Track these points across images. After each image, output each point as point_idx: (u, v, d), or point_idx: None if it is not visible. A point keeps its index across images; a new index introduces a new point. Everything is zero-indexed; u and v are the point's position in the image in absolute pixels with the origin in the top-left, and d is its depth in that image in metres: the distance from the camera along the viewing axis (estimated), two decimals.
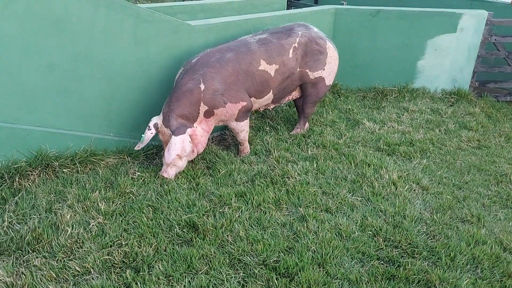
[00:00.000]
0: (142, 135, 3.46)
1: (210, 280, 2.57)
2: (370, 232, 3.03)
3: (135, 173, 3.55)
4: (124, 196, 3.26)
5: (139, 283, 2.50)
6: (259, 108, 4.25)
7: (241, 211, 3.15)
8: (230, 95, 3.65)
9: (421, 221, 3.19)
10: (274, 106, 4.31)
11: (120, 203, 3.17)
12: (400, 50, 5.53)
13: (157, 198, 3.25)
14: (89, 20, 3.33)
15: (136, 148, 3.54)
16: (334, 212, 3.24)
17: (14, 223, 2.90)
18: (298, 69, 4.06)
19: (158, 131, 3.54)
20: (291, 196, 3.38)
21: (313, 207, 3.26)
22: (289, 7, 6.58)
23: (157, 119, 3.54)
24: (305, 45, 4.04)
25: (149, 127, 3.50)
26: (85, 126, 3.63)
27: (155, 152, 3.97)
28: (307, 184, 3.52)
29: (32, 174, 3.34)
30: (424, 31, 5.44)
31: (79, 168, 3.51)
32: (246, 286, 2.56)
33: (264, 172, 3.67)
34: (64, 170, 3.45)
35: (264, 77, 3.84)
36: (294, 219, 3.14)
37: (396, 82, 5.64)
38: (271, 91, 3.97)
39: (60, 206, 3.07)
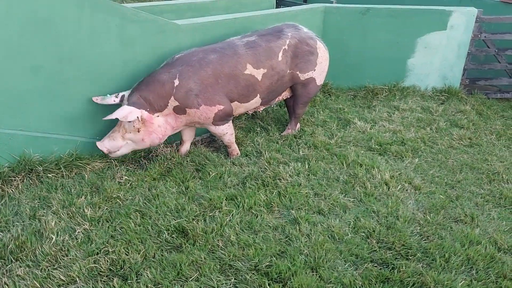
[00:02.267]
0: (108, 95, 3.45)
1: (200, 287, 2.49)
2: (363, 234, 2.98)
3: (122, 177, 3.46)
4: (111, 201, 3.17)
5: None
6: (248, 111, 4.16)
7: (232, 215, 3.08)
8: (206, 97, 3.54)
9: (414, 222, 3.15)
10: (264, 107, 4.24)
11: (106, 209, 3.08)
12: (391, 48, 5.49)
13: (145, 203, 3.17)
14: (74, 21, 3.23)
15: (94, 99, 3.44)
16: (327, 214, 3.18)
17: None
18: (288, 71, 3.97)
19: (121, 104, 3.46)
20: (282, 198, 3.32)
21: (305, 209, 3.20)
22: (277, 5, 6.51)
23: (126, 93, 3.49)
24: (295, 47, 3.95)
25: (117, 94, 3.48)
26: (70, 129, 3.54)
27: (142, 156, 3.88)
28: (299, 186, 3.47)
29: (15, 180, 3.24)
30: (414, 29, 5.40)
31: (64, 173, 3.41)
32: None
33: (255, 174, 3.60)
34: (48, 175, 3.35)
35: (250, 82, 3.73)
36: (286, 222, 3.08)
37: (386, 81, 5.60)
38: (258, 95, 3.86)
39: (44, 213, 2.98)
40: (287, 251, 2.78)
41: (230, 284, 2.55)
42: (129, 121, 3.35)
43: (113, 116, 3.29)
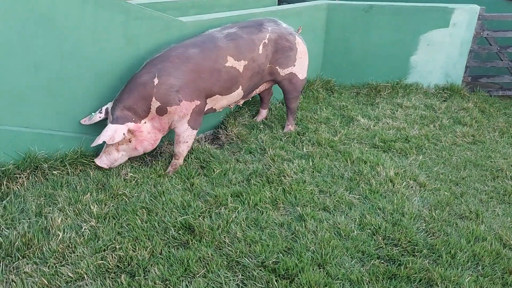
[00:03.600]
0: (93, 113, 3.42)
1: (208, 284, 2.50)
2: (369, 231, 2.99)
3: (127, 174, 3.46)
4: (117, 198, 3.17)
5: None
6: (230, 106, 4.08)
7: (238, 212, 3.08)
8: (186, 93, 3.45)
9: (420, 218, 3.15)
10: (243, 101, 4.22)
11: (112, 206, 3.08)
12: (394, 45, 5.50)
13: (151, 200, 3.17)
14: (77, 18, 3.22)
15: (82, 121, 3.45)
16: (332, 211, 3.18)
17: (2, 228, 2.80)
18: (268, 65, 3.95)
19: (107, 117, 3.42)
20: (287, 195, 3.32)
21: (310, 206, 3.21)
22: (280, 2, 6.51)
23: (109, 105, 3.43)
24: (275, 42, 3.91)
25: (100, 110, 3.43)
26: (74, 126, 3.52)
27: (147, 153, 3.87)
28: (304, 183, 3.47)
29: (20, 177, 3.24)
30: (417, 26, 5.41)
31: (69, 170, 3.40)
32: None
33: (260, 171, 3.60)
34: (54, 172, 3.35)
35: (232, 74, 3.67)
36: (291, 218, 3.08)
37: (389, 78, 5.61)
38: (240, 87, 3.82)
39: (50, 210, 2.97)
40: (293, 248, 2.78)
41: (237, 281, 2.55)
42: (118, 141, 3.30)
43: (99, 140, 3.25)
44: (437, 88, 5.65)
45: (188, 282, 2.51)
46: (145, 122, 3.43)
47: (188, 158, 3.75)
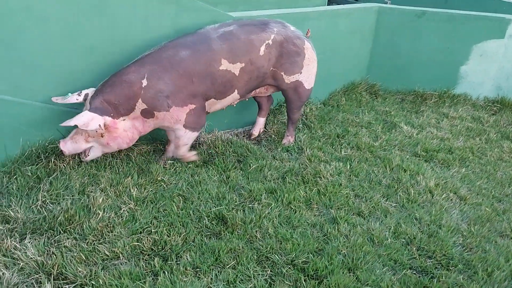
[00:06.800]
0: (69, 94, 3.19)
1: (237, 275, 2.53)
2: (404, 240, 2.93)
3: (167, 161, 3.54)
4: (156, 184, 3.26)
5: (166, 272, 2.48)
6: (224, 108, 3.79)
7: (271, 208, 3.10)
8: (177, 98, 3.24)
9: (457, 232, 3.06)
10: (238, 100, 3.88)
11: (151, 190, 3.17)
12: (443, 53, 5.33)
13: (188, 188, 3.24)
14: (129, 5, 3.32)
15: (54, 99, 3.15)
16: (367, 217, 3.14)
17: (47, 203, 2.94)
18: (271, 69, 3.62)
19: (84, 102, 3.23)
20: (322, 196, 3.30)
21: (345, 210, 3.18)
22: (330, 3, 6.46)
23: (90, 92, 3.21)
24: (281, 45, 3.57)
25: (79, 92, 3.18)
26: None
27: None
28: (340, 186, 3.44)
29: (67, 156, 3.38)
30: (470, 35, 5.22)
31: (113, 153, 3.53)
32: (274, 285, 2.51)
33: (296, 170, 3.60)
34: None
35: (227, 77, 3.40)
36: (324, 220, 3.07)
37: (436, 86, 5.45)
38: (236, 90, 3.54)
39: (93, 189, 3.10)
40: (324, 249, 2.77)
41: (266, 276, 2.57)
42: (91, 129, 3.08)
43: (71, 122, 3.00)
44: (486, 101, 5.45)
45: (218, 271, 2.55)
46: (124, 120, 3.21)
47: (226, 152, 3.80)
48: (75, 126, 3.11)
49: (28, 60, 3.09)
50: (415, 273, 2.68)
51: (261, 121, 4.28)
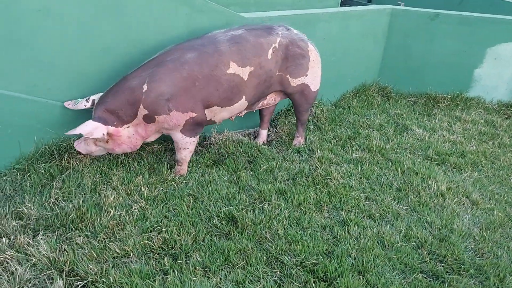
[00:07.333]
0: (79, 99, 3.24)
1: (246, 276, 2.54)
2: (414, 244, 2.91)
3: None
4: (166, 183, 3.28)
5: (176, 271, 2.50)
6: (231, 117, 3.72)
7: (281, 209, 3.10)
8: (178, 103, 3.16)
9: (469, 237, 3.04)
10: (246, 112, 3.87)
11: (162, 190, 3.20)
12: (457, 56, 5.28)
13: (198, 188, 3.25)
14: (144, 6, 3.35)
15: (66, 104, 3.23)
16: (377, 220, 3.13)
17: (60, 200, 2.98)
18: (277, 73, 3.56)
19: (92, 108, 3.23)
20: (332, 198, 3.30)
21: (355, 212, 3.17)
22: (342, 4, 6.44)
23: (97, 98, 3.21)
24: (286, 48, 3.53)
25: (88, 98, 3.21)
26: None
27: (198, 143, 3.97)
28: (350, 188, 3.43)
29: (80, 154, 3.42)
30: (484, 38, 5.17)
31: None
32: (283, 286, 2.51)
33: (306, 172, 3.60)
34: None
35: (234, 82, 3.31)
36: (334, 222, 3.06)
37: (449, 89, 5.39)
38: (244, 97, 3.44)
39: (104, 187, 3.13)
40: (334, 252, 2.77)
41: (275, 277, 2.57)
42: (96, 137, 3.08)
43: (76, 131, 2.99)
44: (500, 104, 5.38)
45: (227, 271, 2.56)
46: (128, 127, 3.18)
47: (236, 152, 3.81)
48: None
49: (44, 60, 3.14)
50: (425, 277, 2.66)
51: (263, 133, 4.25)
